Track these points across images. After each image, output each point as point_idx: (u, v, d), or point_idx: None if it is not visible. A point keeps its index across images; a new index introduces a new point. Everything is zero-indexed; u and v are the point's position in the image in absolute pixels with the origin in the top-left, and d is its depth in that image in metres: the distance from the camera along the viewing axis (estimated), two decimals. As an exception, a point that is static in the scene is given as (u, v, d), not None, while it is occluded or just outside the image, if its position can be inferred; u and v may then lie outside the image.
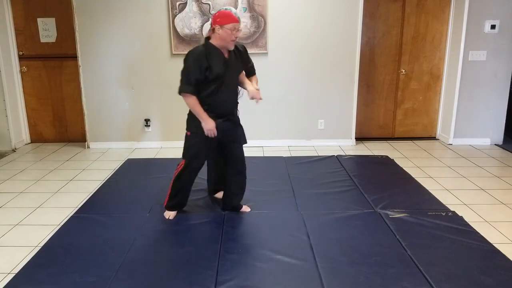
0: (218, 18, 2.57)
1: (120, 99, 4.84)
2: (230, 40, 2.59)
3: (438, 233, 2.74)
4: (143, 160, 4.43)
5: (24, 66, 4.95)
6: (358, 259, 2.45)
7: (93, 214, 3.07)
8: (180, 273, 2.32)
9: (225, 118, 2.75)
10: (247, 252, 2.54)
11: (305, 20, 4.62)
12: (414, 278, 2.26)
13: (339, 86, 4.81)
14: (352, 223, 2.91)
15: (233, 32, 2.56)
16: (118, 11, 4.58)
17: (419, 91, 5.12)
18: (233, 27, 2.55)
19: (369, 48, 4.96)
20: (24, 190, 3.65)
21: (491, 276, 2.27)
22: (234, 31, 2.56)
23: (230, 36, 2.57)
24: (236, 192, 3.03)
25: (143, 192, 3.48)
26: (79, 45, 4.66)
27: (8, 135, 4.83)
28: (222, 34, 2.58)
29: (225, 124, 2.76)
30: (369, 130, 5.25)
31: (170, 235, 2.79)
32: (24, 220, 3.06)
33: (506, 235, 2.77)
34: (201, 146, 2.81)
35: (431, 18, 4.89)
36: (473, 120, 4.94)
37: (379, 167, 4.12)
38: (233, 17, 2.56)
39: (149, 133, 4.96)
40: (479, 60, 4.75)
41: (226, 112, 2.76)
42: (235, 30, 2.56)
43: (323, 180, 3.73)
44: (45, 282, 2.26)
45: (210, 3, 4.53)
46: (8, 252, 2.60)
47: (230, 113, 2.79)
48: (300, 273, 2.32)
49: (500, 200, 3.36)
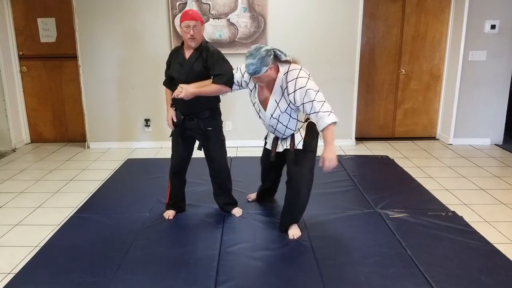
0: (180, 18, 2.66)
1: (120, 99, 4.84)
2: (186, 38, 2.62)
3: (438, 233, 2.73)
4: (143, 160, 4.43)
5: (24, 66, 4.95)
6: (358, 259, 2.45)
7: (93, 214, 3.07)
8: (180, 273, 2.32)
9: (188, 117, 2.76)
10: (247, 252, 2.54)
11: (305, 20, 4.62)
12: (414, 278, 2.26)
13: (339, 86, 4.81)
14: (352, 223, 2.91)
15: (187, 30, 2.58)
16: (118, 11, 4.58)
17: (419, 91, 5.12)
18: (186, 24, 2.58)
19: (369, 48, 4.96)
20: (24, 190, 3.65)
21: (491, 276, 2.27)
22: (188, 29, 2.58)
23: (185, 34, 2.61)
24: (218, 193, 3.05)
25: (143, 192, 3.48)
26: (79, 45, 4.66)
27: (8, 135, 4.83)
28: (180, 32, 2.67)
29: (189, 124, 2.78)
30: (369, 130, 5.25)
31: (170, 235, 2.79)
32: (24, 220, 3.06)
33: (506, 235, 2.77)
34: (174, 140, 2.89)
35: (431, 18, 4.89)
36: (473, 120, 4.94)
37: (379, 167, 4.12)
38: (187, 15, 2.60)
39: (149, 133, 4.96)
40: (479, 60, 4.75)
41: (186, 112, 2.75)
42: (189, 28, 2.58)
43: (323, 180, 3.72)
44: (45, 282, 2.26)
45: (210, 3, 4.53)
46: (8, 252, 2.60)
47: (192, 113, 2.75)
48: (300, 273, 2.32)
49: (500, 200, 3.36)
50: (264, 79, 2.40)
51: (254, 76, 2.37)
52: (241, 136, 4.92)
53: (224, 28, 4.59)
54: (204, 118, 2.77)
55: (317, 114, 2.31)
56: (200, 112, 2.75)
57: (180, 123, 2.79)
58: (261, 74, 2.33)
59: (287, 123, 2.53)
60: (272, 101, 2.47)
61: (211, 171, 2.98)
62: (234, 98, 4.66)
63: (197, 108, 2.73)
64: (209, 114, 2.78)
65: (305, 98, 2.33)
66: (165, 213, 3.03)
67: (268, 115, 2.53)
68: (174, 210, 3.04)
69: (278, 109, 2.47)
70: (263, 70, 2.31)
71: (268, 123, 2.59)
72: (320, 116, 2.30)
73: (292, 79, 2.36)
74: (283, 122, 2.53)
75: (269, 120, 2.55)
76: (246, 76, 2.60)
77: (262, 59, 2.28)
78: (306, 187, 2.62)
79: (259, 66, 2.29)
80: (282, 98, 2.44)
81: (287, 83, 2.38)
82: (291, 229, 2.73)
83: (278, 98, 2.45)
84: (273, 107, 2.48)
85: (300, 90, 2.33)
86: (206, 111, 2.77)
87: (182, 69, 2.68)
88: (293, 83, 2.36)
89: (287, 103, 2.44)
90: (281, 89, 2.42)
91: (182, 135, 2.84)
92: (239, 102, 4.69)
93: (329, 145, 2.34)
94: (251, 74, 2.35)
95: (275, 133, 2.66)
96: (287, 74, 2.40)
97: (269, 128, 2.66)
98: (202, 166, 3.15)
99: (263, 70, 2.31)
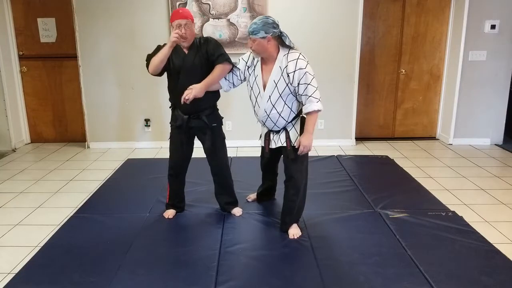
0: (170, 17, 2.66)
1: (120, 99, 4.84)
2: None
3: (438, 233, 2.74)
4: (143, 160, 4.43)
5: (24, 66, 4.95)
6: (358, 259, 2.45)
7: (93, 214, 3.07)
8: (180, 273, 2.32)
9: (191, 115, 2.75)
10: (247, 252, 2.54)
11: (305, 20, 4.62)
12: (414, 278, 2.26)
13: (339, 86, 4.81)
14: (352, 223, 2.91)
15: (179, 29, 2.58)
16: (118, 11, 4.58)
17: (419, 91, 5.12)
18: (177, 24, 2.59)
19: (369, 48, 4.96)
20: (24, 190, 3.65)
21: (491, 276, 2.27)
22: (179, 28, 2.58)
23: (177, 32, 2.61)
24: (220, 192, 3.05)
25: (143, 192, 3.48)
26: (79, 45, 4.66)
27: (8, 135, 4.83)
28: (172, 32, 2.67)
29: (194, 122, 2.77)
30: (369, 130, 5.25)
31: (170, 235, 2.79)
32: (24, 220, 3.06)
33: (506, 235, 2.77)
34: (175, 141, 2.85)
35: (431, 18, 4.89)
36: (473, 120, 4.94)
37: (379, 167, 4.12)
38: (179, 14, 2.60)
39: (149, 133, 4.96)
40: (479, 60, 4.75)
41: (192, 110, 2.73)
42: (180, 27, 2.58)
43: (323, 180, 3.73)
44: (45, 282, 2.26)
45: (210, 3, 4.53)
46: (8, 252, 2.60)
47: (193, 111, 2.74)
48: (300, 273, 2.32)
49: (500, 200, 3.36)
50: (258, 48, 2.50)
51: (251, 37, 2.48)
52: (241, 136, 4.92)
53: (224, 28, 4.59)
54: (208, 115, 2.79)
55: (307, 98, 2.50)
56: (205, 109, 2.77)
57: (184, 123, 2.76)
58: (257, 37, 2.45)
59: (281, 110, 2.59)
60: (271, 81, 2.55)
61: (213, 169, 2.97)
62: (234, 98, 4.67)
63: (202, 105, 2.73)
64: (212, 111, 2.81)
65: (302, 80, 2.47)
66: (165, 213, 3.03)
67: (266, 96, 2.58)
68: (174, 209, 3.04)
69: (276, 90, 2.55)
70: (260, 34, 2.43)
71: (263, 107, 2.61)
72: (310, 100, 2.49)
73: (293, 59, 2.49)
74: (278, 108, 2.58)
75: (266, 104, 2.59)
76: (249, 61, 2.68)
77: (265, 24, 2.43)
78: (305, 184, 2.74)
79: (259, 28, 2.43)
80: (281, 78, 2.52)
81: (288, 62, 2.49)
82: (291, 229, 2.74)
83: (277, 79, 2.53)
84: (271, 88, 2.56)
85: (300, 71, 2.46)
86: (209, 107, 2.80)
87: (186, 64, 2.65)
88: (294, 62, 2.48)
89: (286, 83, 2.52)
90: (280, 70, 2.52)
91: (187, 135, 2.83)
92: (239, 102, 4.69)
93: (308, 133, 2.54)
94: (249, 32, 2.48)
95: (267, 123, 2.68)
96: (288, 55, 2.52)
97: (262, 117, 2.67)
98: (202, 166, 3.16)
99: (260, 34, 2.44)
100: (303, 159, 2.67)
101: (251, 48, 2.54)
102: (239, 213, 3.05)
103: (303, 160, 2.67)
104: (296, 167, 2.65)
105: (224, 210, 3.09)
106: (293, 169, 2.65)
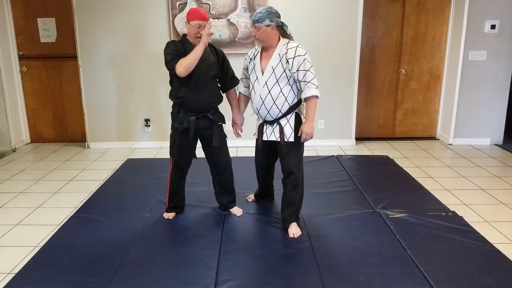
0: (188, 15, 2.65)
1: (120, 99, 4.84)
2: (195, 36, 2.64)
3: (438, 233, 2.74)
4: (143, 160, 4.43)
5: (24, 66, 4.95)
6: (358, 259, 2.45)
7: (93, 214, 3.07)
8: (180, 273, 2.32)
9: (199, 115, 2.75)
10: (247, 252, 2.54)
11: (305, 20, 4.62)
12: (414, 278, 2.26)
13: (339, 86, 4.81)
14: (352, 223, 2.91)
15: (198, 29, 2.61)
16: (118, 11, 4.58)
17: (419, 91, 5.12)
18: (198, 24, 2.60)
19: (369, 48, 4.96)
20: (24, 190, 3.65)
21: (491, 276, 2.27)
22: (199, 28, 2.61)
23: (195, 33, 2.63)
24: (220, 191, 3.06)
25: (143, 192, 3.48)
26: (79, 45, 4.66)
27: (8, 135, 4.83)
28: (188, 30, 2.67)
29: (200, 122, 2.76)
30: (369, 130, 5.25)
31: (170, 235, 2.79)
32: (24, 220, 3.06)
33: (506, 235, 2.77)
34: (182, 143, 2.82)
35: (431, 18, 4.89)
36: (473, 120, 4.94)
37: (379, 167, 4.12)
38: (200, 15, 2.61)
39: (149, 133, 4.96)
40: (479, 60, 4.75)
41: (198, 108, 2.73)
42: (200, 28, 2.60)
43: (323, 180, 3.73)
44: (45, 282, 2.26)
45: (210, 3, 4.53)
46: (8, 252, 2.60)
47: (203, 110, 2.75)
48: (300, 273, 2.32)
49: (500, 200, 3.36)
50: (262, 36, 2.59)
51: (256, 25, 2.56)
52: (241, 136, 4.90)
53: (224, 28, 4.59)
54: (214, 113, 2.82)
55: (306, 84, 2.58)
56: (212, 108, 2.81)
57: (192, 124, 2.74)
58: (262, 25, 2.55)
59: (275, 98, 2.63)
60: (269, 67, 2.62)
61: (216, 169, 2.97)
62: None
63: (209, 106, 2.78)
64: (216, 110, 2.86)
65: (301, 66, 2.55)
66: (165, 213, 3.03)
67: (262, 81, 2.63)
68: (175, 211, 3.04)
69: (273, 75, 2.61)
70: (266, 22, 2.54)
71: (259, 93, 2.66)
72: (308, 86, 2.58)
73: (293, 47, 2.58)
74: (273, 95, 2.63)
75: (262, 89, 2.64)
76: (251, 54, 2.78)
77: (269, 13, 2.57)
78: (302, 177, 2.81)
79: (264, 16, 2.54)
80: (279, 64, 2.59)
81: (288, 49, 2.58)
82: (291, 228, 2.75)
83: (275, 64, 2.61)
84: (269, 73, 2.63)
85: (299, 58, 2.55)
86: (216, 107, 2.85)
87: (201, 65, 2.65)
88: (293, 50, 2.56)
89: (283, 69, 2.59)
90: (279, 56, 2.60)
91: (194, 136, 2.80)
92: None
93: (309, 121, 2.62)
94: (254, 20, 2.56)
95: (261, 111, 2.71)
96: (288, 43, 2.62)
97: (257, 103, 2.71)
98: (202, 166, 3.16)
99: (265, 22, 2.54)
100: (298, 153, 2.73)
101: (255, 36, 2.61)
102: (239, 213, 3.05)
103: (298, 154, 2.73)
104: (293, 162, 2.70)
105: (225, 209, 3.09)
106: (291, 164, 2.70)
